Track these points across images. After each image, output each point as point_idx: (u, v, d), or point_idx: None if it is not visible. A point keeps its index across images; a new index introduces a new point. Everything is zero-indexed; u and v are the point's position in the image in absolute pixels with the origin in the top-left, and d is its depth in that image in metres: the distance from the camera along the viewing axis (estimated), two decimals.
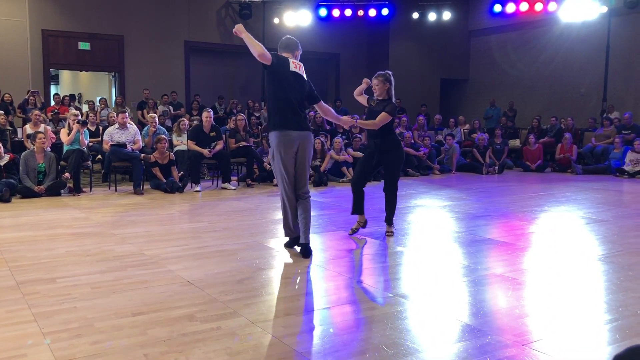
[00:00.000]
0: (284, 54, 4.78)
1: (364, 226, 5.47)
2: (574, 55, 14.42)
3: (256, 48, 4.47)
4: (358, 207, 5.40)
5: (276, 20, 14.71)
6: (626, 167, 10.82)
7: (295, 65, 4.71)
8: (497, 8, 13.71)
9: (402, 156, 5.45)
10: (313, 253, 4.64)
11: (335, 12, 14.40)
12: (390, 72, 5.49)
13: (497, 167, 11.54)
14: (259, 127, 11.88)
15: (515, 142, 13.26)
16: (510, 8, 13.53)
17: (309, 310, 3.32)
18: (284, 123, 4.49)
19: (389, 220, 5.46)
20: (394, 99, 5.40)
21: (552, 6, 13.25)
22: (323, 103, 5.05)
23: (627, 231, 5.62)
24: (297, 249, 4.71)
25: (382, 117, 5.17)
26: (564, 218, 6.46)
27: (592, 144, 12.05)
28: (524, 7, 13.43)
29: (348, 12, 14.43)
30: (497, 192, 8.70)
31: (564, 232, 5.73)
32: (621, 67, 13.39)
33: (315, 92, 4.97)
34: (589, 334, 2.99)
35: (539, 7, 13.32)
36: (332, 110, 5.18)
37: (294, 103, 4.56)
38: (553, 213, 6.80)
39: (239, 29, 4.56)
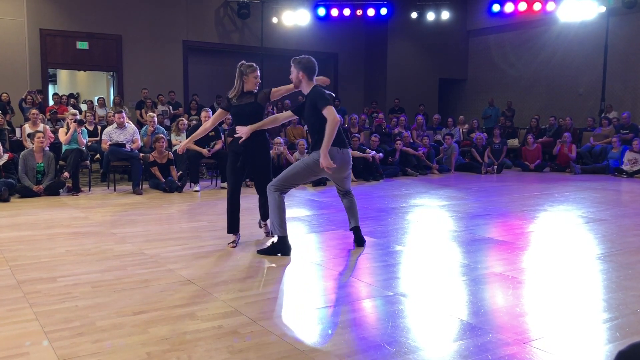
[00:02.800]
0: (310, 83, 4.80)
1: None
2: (572, 55, 14.45)
3: (334, 128, 4.33)
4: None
5: (274, 20, 14.72)
6: (624, 167, 10.84)
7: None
8: (496, 8, 13.73)
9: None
10: (314, 252, 4.65)
11: (334, 12, 14.41)
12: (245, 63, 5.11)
13: (495, 167, 11.56)
14: None
15: (514, 142, 13.28)
16: (509, 8, 13.55)
17: (310, 308, 3.32)
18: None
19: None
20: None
21: (550, 6, 13.27)
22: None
23: (625, 230, 5.63)
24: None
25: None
26: (563, 217, 6.47)
27: (591, 144, 12.07)
28: (522, 7, 13.44)
29: (346, 12, 14.44)
30: (495, 192, 8.72)
31: (563, 231, 5.74)
32: (619, 67, 13.42)
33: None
34: (589, 332, 3.00)
35: (537, 6, 13.34)
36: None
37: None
38: (552, 212, 6.81)
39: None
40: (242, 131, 4.73)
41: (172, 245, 4.87)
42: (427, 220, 6.27)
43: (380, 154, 10.40)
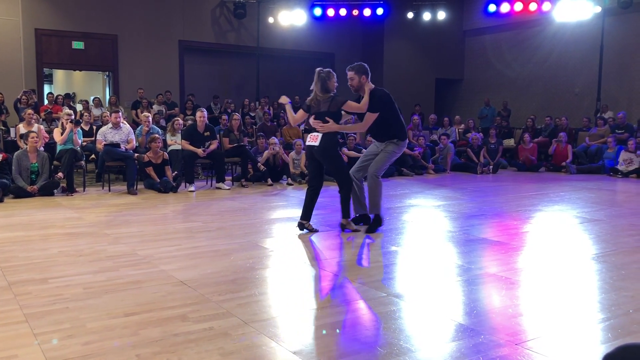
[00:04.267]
0: (368, 82, 5.53)
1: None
2: (568, 55, 14.47)
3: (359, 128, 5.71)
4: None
5: (271, 20, 14.70)
6: (620, 167, 10.85)
7: None
8: (492, 8, 13.73)
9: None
10: (308, 252, 4.65)
11: (330, 12, 14.40)
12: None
13: (491, 167, 11.56)
14: (254, 126, 11.86)
15: (510, 142, 13.29)
16: (505, 8, 13.55)
17: (302, 310, 3.31)
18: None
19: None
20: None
21: (546, 6, 13.28)
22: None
23: (620, 230, 5.63)
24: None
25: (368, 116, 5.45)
26: (558, 217, 6.47)
27: (586, 144, 12.09)
28: (518, 7, 13.45)
29: (343, 12, 14.43)
30: (491, 192, 8.72)
31: (557, 231, 5.74)
32: (615, 67, 13.44)
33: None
34: (582, 333, 3.00)
35: (533, 7, 13.35)
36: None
37: None
38: (547, 212, 6.81)
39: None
40: (321, 127, 5.28)
41: (166, 246, 4.86)
42: (422, 221, 6.26)
43: None
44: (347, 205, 5.53)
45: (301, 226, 5.48)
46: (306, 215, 5.51)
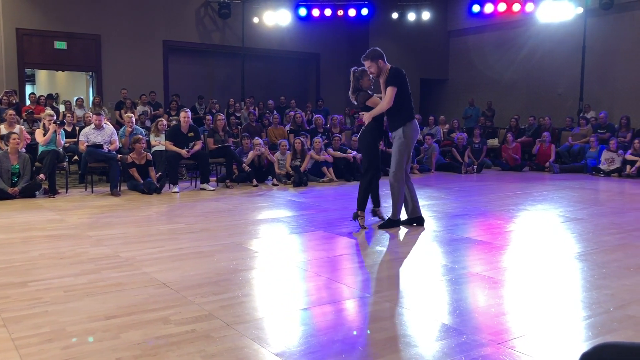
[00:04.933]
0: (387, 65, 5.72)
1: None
2: (551, 55, 14.59)
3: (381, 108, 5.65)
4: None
5: (255, 20, 14.66)
6: (602, 166, 10.97)
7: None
8: (476, 8, 13.81)
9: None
10: (293, 253, 4.64)
11: (315, 12, 14.39)
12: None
13: (475, 167, 11.63)
14: (239, 127, 11.82)
15: (494, 142, 13.38)
16: (489, 8, 13.64)
17: (286, 311, 3.30)
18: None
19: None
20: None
21: (529, 7, 13.38)
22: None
23: (601, 229, 5.69)
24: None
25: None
26: (541, 216, 6.52)
27: (569, 143, 12.20)
28: (502, 7, 13.54)
29: (328, 12, 14.43)
30: (475, 191, 8.76)
31: (541, 230, 5.79)
32: (597, 67, 13.58)
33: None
34: (564, 331, 3.01)
35: (516, 7, 13.45)
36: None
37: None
38: (530, 212, 6.86)
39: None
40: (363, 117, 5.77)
41: (149, 247, 4.81)
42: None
43: (361, 154, 10.39)
44: (364, 197, 5.72)
45: (373, 213, 6.05)
46: (376, 201, 6.05)
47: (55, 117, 8.48)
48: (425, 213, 6.70)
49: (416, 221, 5.85)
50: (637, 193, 8.63)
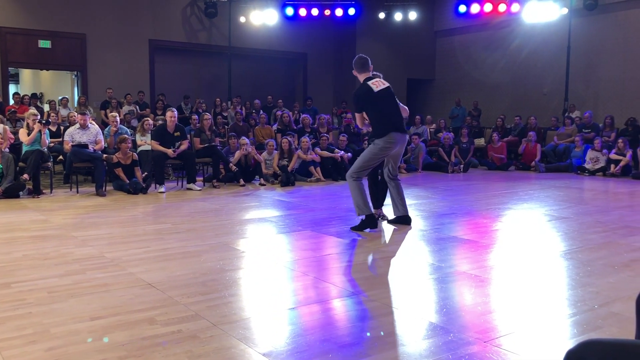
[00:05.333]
0: (363, 74, 5.69)
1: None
2: (536, 55, 14.71)
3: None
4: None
5: (242, 19, 14.62)
6: (586, 165, 11.08)
7: (376, 85, 5.56)
8: (462, 9, 13.88)
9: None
10: (280, 253, 4.64)
11: (302, 12, 14.37)
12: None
13: (462, 166, 11.69)
14: (226, 126, 11.77)
15: (480, 141, 13.46)
16: (475, 9, 13.71)
17: (272, 311, 3.28)
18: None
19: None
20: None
21: (515, 7, 13.48)
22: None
23: (586, 228, 5.74)
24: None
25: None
26: (527, 215, 6.57)
27: (555, 143, 12.31)
28: (488, 7, 13.62)
29: (315, 12, 14.41)
30: (462, 191, 8.81)
31: (527, 229, 5.82)
32: (581, 68, 13.71)
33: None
34: (549, 329, 3.03)
35: (502, 8, 13.54)
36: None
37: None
38: (516, 211, 6.91)
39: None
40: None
41: (134, 248, 4.78)
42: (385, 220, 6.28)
43: (349, 154, 10.41)
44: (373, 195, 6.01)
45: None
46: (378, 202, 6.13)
47: (39, 117, 8.38)
48: (412, 212, 6.72)
49: (402, 220, 5.87)
50: (621, 192, 8.73)
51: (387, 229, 5.76)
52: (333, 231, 5.55)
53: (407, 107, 5.93)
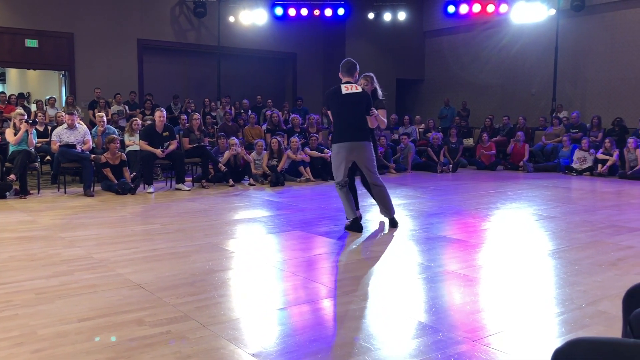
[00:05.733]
0: (345, 78, 5.59)
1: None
2: (524, 56, 14.80)
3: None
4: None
5: (232, 19, 14.57)
6: (574, 165, 11.16)
7: (347, 88, 5.48)
8: (451, 9, 13.93)
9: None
10: (270, 253, 4.63)
11: (291, 12, 14.34)
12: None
13: (451, 166, 11.73)
14: (215, 126, 11.73)
15: (469, 141, 13.52)
16: (464, 9, 13.77)
17: (262, 311, 3.28)
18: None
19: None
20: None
21: (503, 8, 13.55)
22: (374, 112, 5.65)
23: (574, 227, 5.78)
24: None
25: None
26: (516, 215, 6.60)
27: (543, 143, 12.39)
28: (476, 8, 13.69)
29: (304, 12, 14.40)
30: (451, 190, 8.84)
31: (515, 228, 5.86)
32: (569, 68, 13.82)
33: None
34: (538, 327, 3.05)
35: (490, 8, 13.61)
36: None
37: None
38: (505, 210, 6.95)
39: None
40: None
41: (123, 249, 4.75)
42: (383, 219, 6.29)
43: None
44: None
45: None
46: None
47: (26, 117, 8.31)
48: (401, 212, 6.75)
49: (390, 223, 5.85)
50: (608, 191, 8.80)
51: (376, 230, 5.77)
52: (322, 231, 5.55)
53: (385, 120, 5.87)
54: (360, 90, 5.50)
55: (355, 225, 5.57)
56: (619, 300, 3.26)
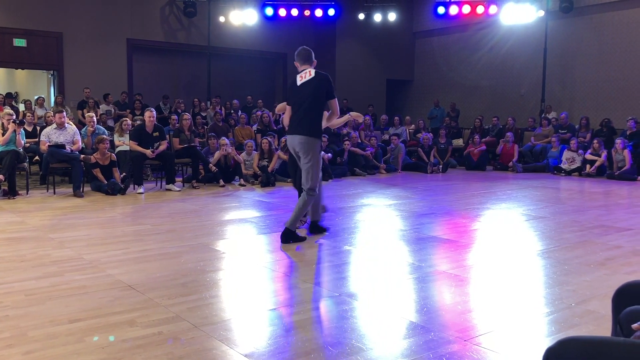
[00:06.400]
0: (303, 67, 5.24)
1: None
2: (514, 57, 14.89)
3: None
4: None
5: (222, 19, 14.54)
6: (563, 166, 11.25)
7: (301, 77, 5.13)
8: (441, 10, 13.99)
9: None
10: (261, 254, 4.62)
11: (282, 12, 14.34)
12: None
13: (441, 166, 11.78)
14: (205, 127, 11.70)
15: (459, 142, 13.58)
16: (453, 10, 13.84)
17: (254, 312, 3.28)
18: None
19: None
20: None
21: (492, 9, 13.63)
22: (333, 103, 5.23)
23: (563, 227, 5.83)
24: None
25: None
26: (505, 215, 6.65)
27: (532, 143, 12.47)
28: (466, 9, 13.76)
29: (294, 12, 14.40)
30: (441, 191, 8.88)
31: (505, 228, 5.90)
32: (557, 69, 13.92)
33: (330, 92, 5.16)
34: (529, 327, 3.08)
35: (480, 9, 13.68)
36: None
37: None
38: (495, 210, 6.99)
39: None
40: None
41: (113, 249, 4.73)
42: (375, 220, 6.31)
43: (329, 155, 10.43)
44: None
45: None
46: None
47: (14, 117, 8.24)
48: (392, 212, 6.77)
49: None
50: (596, 192, 8.88)
51: (366, 231, 5.78)
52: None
53: (337, 112, 5.28)
54: (314, 74, 5.08)
55: (318, 228, 5.43)
56: (608, 299, 3.29)
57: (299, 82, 5.11)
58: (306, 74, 5.10)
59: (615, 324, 1.84)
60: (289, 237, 5.03)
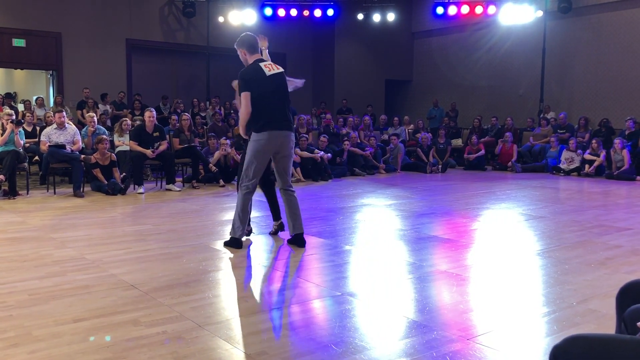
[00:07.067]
0: (253, 56, 4.96)
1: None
2: (512, 57, 14.92)
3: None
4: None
5: (221, 19, 14.54)
6: (562, 165, 11.28)
7: (269, 68, 4.84)
8: (440, 10, 14.02)
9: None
10: (261, 253, 4.63)
11: (281, 12, 14.36)
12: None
13: (440, 166, 11.81)
14: (204, 127, 11.71)
15: (458, 142, 13.60)
16: (452, 10, 13.87)
17: (256, 311, 3.29)
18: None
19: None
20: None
21: (491, 9, 13.66)
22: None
23: (562, 227, 5.86)
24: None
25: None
26: (505, 215, 6.67)
27: (531, 143, 12.50)
28: (465, 9, 13.79)
29: (293, 12, 14.42)
30: (440, 191, 8.90)
31: (505, 228, 5.92)
32: (556, 69, 13.95)
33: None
34: (529, 326, 3.10)
35: (479, 10, 13.71)
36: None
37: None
38: (494, 210, 7.01)
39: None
40: None
41: (115, 249, 4.73)
42: (375, 220, 6.33)
43: (329, 155, 10.45)
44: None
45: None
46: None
47: (14, 117, 8.24)
48: (391, 212, 6.79)
49: (295, 240, 4.93)
50: (595, 191, 8.91)
51: (366, 231, 5.80)
52: (314, 231, 5.57)
53: (296, 81, 5.15)
54: (281, 70, 4.88)
55: (238, 243, 4.80)
56: (609, 298, 3.31)
57: (268, 73, 4.75)
58: (272, 66, 4.84)
59: (619, 323, 1.86)
60: (303, 241, 4.87)
